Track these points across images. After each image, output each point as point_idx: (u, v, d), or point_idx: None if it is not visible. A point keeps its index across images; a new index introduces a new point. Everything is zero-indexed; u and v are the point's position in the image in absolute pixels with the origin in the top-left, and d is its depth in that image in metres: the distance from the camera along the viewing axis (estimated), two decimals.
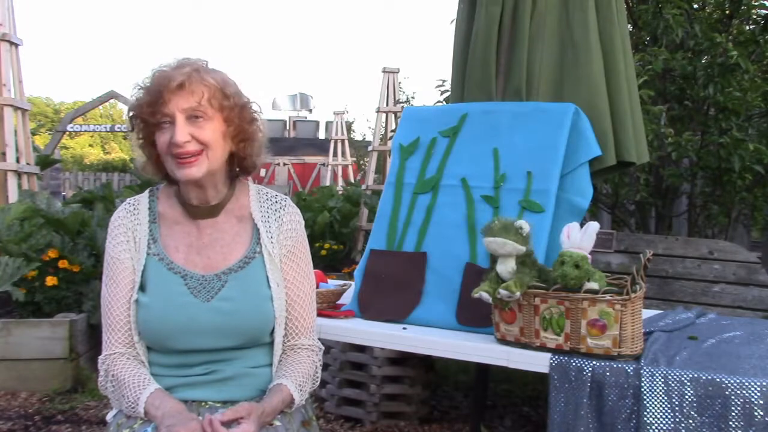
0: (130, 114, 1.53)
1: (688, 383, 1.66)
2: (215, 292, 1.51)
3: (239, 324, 1.51)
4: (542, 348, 1.83)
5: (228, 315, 1.50)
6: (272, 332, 1.57)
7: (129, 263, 1.54)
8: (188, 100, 1.46)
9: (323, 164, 15.33)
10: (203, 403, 1.50)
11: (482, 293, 1.84)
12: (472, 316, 2.09)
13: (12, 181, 4.99)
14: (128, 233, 1.56)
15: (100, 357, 1.55)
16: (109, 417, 1.58)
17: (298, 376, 1.54)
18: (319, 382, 1.65)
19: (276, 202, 1.64)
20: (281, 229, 1.61)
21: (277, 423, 1.47)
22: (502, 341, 1.93)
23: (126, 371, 1.49)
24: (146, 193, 1.63)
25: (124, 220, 1.58)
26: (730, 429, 1.60)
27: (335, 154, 13.81)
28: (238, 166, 1.60)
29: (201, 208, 1.57)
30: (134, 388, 1.45)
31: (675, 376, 1.68)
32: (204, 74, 1.48)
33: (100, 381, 1.55)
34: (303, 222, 1.68)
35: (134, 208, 1.59)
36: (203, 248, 1.56)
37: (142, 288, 1.52)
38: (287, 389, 1.50)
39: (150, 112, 1.47)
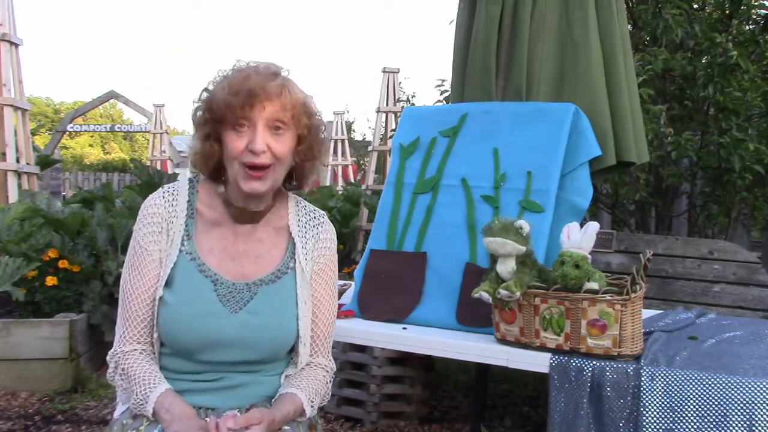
0: (207, 108, 1.47)
1: (688, 383, 1.66)
2: (244, 303, 1.47)
3: (263, 339, 1.47)
4: (542, 348, 1.83)
5: (254, 330, 1.46)
6: (290, 350, 1.54)
7: (157, 255, 1.47)
8: (275, 111, 1.43)
9: (323, 164, 15.31)
10: (210, 410, 1.47)
11: (482, 293, 1.84)
12: (472, 316, 2.09)
13: (12, 181, 4.99)
14: (162, 224, 1.49)
15: (110, 351, 1.49)
16: (116, 414, 1.54)
17: (311, 391, 1.51)
18: (327, 401, 1.62)
19: (314, 217, 1.61)
20: (317, 246, 1.58)
21: (286, 427, 1.45)
22: (502, 341, 1.93)
23: (137, 367, 1.44)
24: (185, 183, 1.56)
25: (159, 209, 1.50)
26: (730, 429, 1.60)
27: (335, 154, 13.81)
28: (296, 181, 1.58)
29: (244, 212, 1.52)
30: (144, 386, 1.41)
31: (675, 376, 1.68)
32: (293, 88, 1.47)
33: (109, 373, 1.50)
34: (336, 240, 1.64)
35: (173, 198, 1.52)
36: (237, 255, 1.51)
37: (167, 284, 1.46)
38: (300, 401, 1.47)
39: (231, 110, 1.42)
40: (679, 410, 1.66)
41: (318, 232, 1.60)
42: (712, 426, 1.62)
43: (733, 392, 1.62)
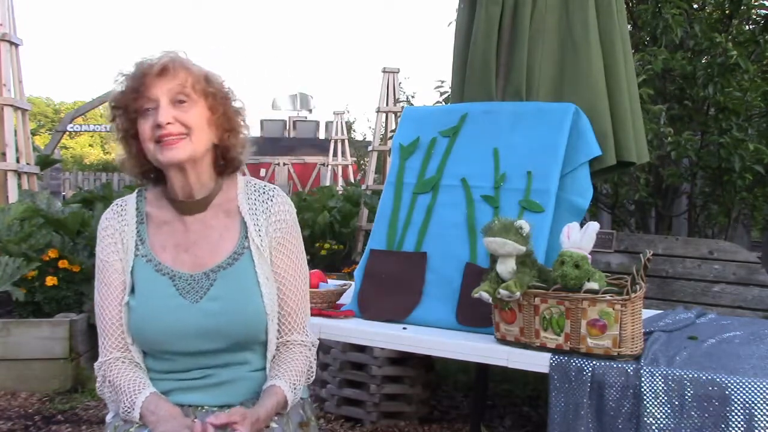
0: (113, 104, 1.51)
1: (688, 383, 1.66)
2: (204, 292, 1.49)
3: (229, 324, 1.48)
4: (542, 348, 1.83)
5: (217, 316, 1.47)
6: (266, 331, 1.54)
7: (119, 265, 1.52)
8: (171, 83, 1.45)
9: (323, 164, 15.34)
10: (199, 408, 1.49)
11: (482, 293, 1.84)
12: (472, 316, 2.09)
13: (12, 181, 4.99)
14: (116, 235, 1.54)
15: (96, 363, 1.53)
16: (108, 417, 1.57)
17: (291, 375, 1.51)
18: (313, 378, 1.62)
19: (264, 192, 1.59)
20: (270, 221, 1.56)
21: (273, 425, 1.45)
22: (502, 341, 1.93)
23: (122, 376, 1.47)
24: (134, 194, 1.61)
25: (111, 222, 1.55)
26: (730, 429, 1.60)
27: (335, 154, 13.82)
28: (223, 159, 1.57)
29: (187, 203, 1.53)
30: (130, 393, 1.44)
31: (675, 376, 1.68)
32: (184, 61, 1.49)
33: (98, 386, 1.54)
34: (294, 212, 1.63)
35: (122, 209, 1.57)
36: (191, 246, 1.53)
37: (132, 291, 1.50)
38: (281, 391, 1.47)
39: (134, 98, 1.46)
40: (678, 410, 1.66)
41: (269, 206, 1.57)
42: (711, 426, 1.62)
43: (733, 392, 1.62)
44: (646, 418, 1.67)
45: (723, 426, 1.61)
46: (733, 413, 1.61)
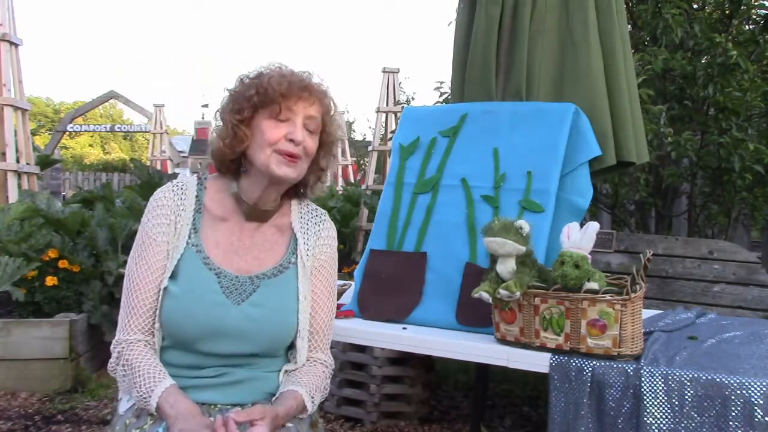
0: (253, 88, 1.50)
1: (688, 383, 1.66)
2: (247, 296, 1.50)
3: (264, 331, 1.50)
4: (542, 348, 1.83)
5: (254, 321, 1.49)
6: (289, 346, 1.57)
7: (164, 246, 1.50)
8: (316, 110, 1.53)
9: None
10: (213, 406, 1.48)
11: (482, 293, 1.84)
12: (472, 316, 2.09)
13: (12, 181, 5.00)
14: (170, 216, 1.53)
15: (114, 339, 1.50)
16: (120, 411, 1.54)
17: (311, 387, 1.53)
18: (325, 397, 1.64)
19: (316, 215, 1.67)
20: (318, 243, 1.63)
21: (289, 424, 1.47)
22: (502, 341, 1.93)
23: (142, 359, 1.45)
24: (194, 179, 1.60)
25: (168, 201, 1.54)
26: (730, 429, 1.60)
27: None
28: (297, 187, 1.64)
29: (255, 210, 1.57)
30: (148, 379, 1.42)
31: (675, 376, 1.68)
32: (332, 95, 1.58)
33: (111, 363, 1.51)
34: (336, 239, 1.70)
35: (182, 192, 1.56)
36: (242, 250, 1.55)
37: (173, 276, 1.48)
38: (301, 397, 1.49)
39: (283, 98, 1.49)
40: (678, 410, 1.66)
41: (320, 229, 1.65)
42: (711, 426, 1.62)
43: (733, 392, 1.62)
44: (646, 418, 1.67)
45: (723, 426, 1.61)
46: (733, 413, 1.61)
